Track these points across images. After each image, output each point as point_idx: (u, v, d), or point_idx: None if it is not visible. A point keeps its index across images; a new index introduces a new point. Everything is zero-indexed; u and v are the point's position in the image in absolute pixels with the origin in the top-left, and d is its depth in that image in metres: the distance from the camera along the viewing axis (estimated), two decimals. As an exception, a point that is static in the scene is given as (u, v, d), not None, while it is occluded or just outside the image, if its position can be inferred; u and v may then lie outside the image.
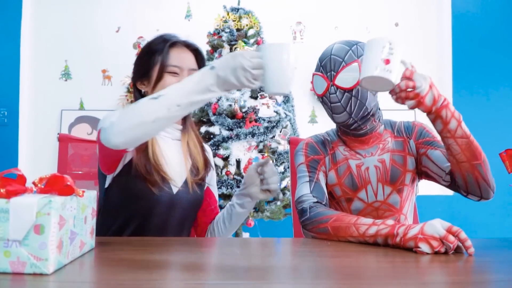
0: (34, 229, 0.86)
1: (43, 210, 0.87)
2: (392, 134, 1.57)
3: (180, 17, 4.18)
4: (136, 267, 0.93)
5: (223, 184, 3.09)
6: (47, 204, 0.87)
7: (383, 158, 1.53)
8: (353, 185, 1.53)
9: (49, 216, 0.87)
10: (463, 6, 4.03)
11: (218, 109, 3.17)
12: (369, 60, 1.19)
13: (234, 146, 3.14)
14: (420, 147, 1.53)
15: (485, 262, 1.05)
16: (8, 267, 0.86)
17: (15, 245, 0.86)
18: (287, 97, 3.42)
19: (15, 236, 0.86)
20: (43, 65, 4.16)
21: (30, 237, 0.86)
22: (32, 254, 0.86)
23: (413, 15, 4.17)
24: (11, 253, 0.86)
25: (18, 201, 0.87)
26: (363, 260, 1.05)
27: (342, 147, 1.57)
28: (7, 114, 3.97)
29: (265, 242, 1.35)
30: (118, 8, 4.15)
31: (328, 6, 4.19)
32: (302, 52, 4.13)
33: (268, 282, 0.86)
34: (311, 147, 1.59)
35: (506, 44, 3.97)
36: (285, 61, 1.17)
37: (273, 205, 3.21)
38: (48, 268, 0.87)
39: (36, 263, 0.86)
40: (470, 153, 1.31)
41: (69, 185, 0.95)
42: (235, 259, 1.07)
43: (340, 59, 1.45)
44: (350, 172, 1.53)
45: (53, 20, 4.17)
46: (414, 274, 0.93)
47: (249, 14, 3.39)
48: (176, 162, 1.54)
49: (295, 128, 3.42)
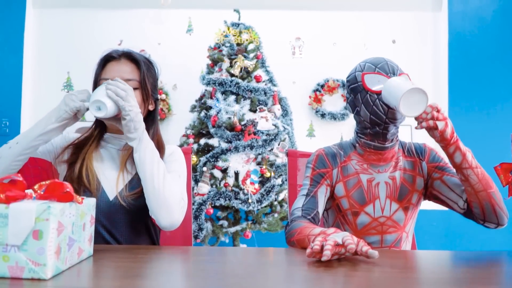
0: (33, 234, 0.86)
1: (42, 215, 0.86)
2: (403, 154, 1.58)
3: (182, 31, 4.19)
4: (134, 274, 0.92)
5: (221, 195, 3.09)
6: (46, 209, 0.87)
7: (394, 175, 1.54)
8: (362, 199, 1.52)
9: (47, 221, 0.87)
10: (460, 24, 4.05)
11: (218, 121, 3.17)
12: (400, 86, 1.29)
13: (232, 158, 3.13)
14: (433, 170, 1.56)
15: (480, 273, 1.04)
16: (6, 272, 0.86)
17: (13, 250, 0.86)
18: (286, 110, 3.43)
19: (14, 241, 0.85)
20: (45, 76, 4.17)
21: (28, 242, 0.86)
22: (30, 259, 0.86)
23: (410, 33, 4.19)
24: (10, 258, 0.86)
25: (17, 207, 0.87)
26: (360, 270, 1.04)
27: (355, 161, 1.56)
28: (8, 124, 3.97)
29: (262, 252, 1.35)
30: (121, 22, 4.17)
31: (327, 22, 4.21)
32: (301, 67, 4.17)
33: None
34: (320, 160, 1.57)
35: (501, 62, 3.98)
36: None
37: (271, 217, 3.20)
38: (46, 273, 0.86)
39: (34, 268, 0.86)
40: (486, 182, 1.38)
41: (68, 191, 0.95)
42: (230, 267, 1.06)
43: (395, 66, 1.50)
44: (360, 186, 1.53)
45: (56, 32, 4.19)
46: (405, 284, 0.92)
47: (249, 29, 3.40)
48: (111, 173, 1.51)
49: (293, 141, 3.42)
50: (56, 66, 4.17)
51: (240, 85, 3.21)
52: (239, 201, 3.09)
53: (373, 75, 1.48)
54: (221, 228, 3.19)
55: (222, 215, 3.22)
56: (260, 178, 3.19)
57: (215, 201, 3.10)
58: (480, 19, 4.06)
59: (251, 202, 3.09)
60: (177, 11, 4.18)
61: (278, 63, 3.84)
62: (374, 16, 4.21)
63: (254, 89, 3.23)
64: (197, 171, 3.15)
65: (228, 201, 3.09)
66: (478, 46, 4.02)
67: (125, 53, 1.54)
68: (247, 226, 3.20)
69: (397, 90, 1.30)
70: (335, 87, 4.14)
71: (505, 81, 3.97)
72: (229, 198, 3.09)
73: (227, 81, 3.22)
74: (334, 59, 4.18)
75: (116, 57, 1.53)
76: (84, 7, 4.19)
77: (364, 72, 1.50)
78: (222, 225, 3.20)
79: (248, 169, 3.15)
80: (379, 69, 1.48)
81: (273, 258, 1.22)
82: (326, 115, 4.11)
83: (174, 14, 4.19)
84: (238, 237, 3.25)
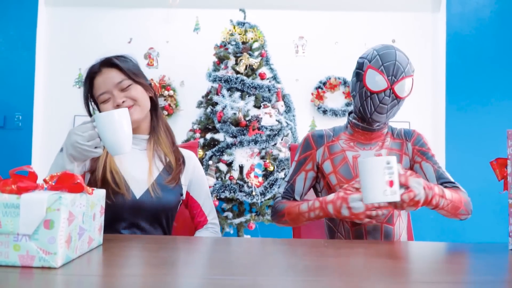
0: (44, 224, 0.85)
1: (53, 206, 0.86)
2: (391, 136, 1.61)
3: (189, 30, 4.19)
4: (142, 263, 0.92)
5: (226, 188, 3.09)
6: (57, 200, 0.86)
7: (380, 153, 1.57)
8: (348, 174, 1.55)
9: (58, 211, 0.86)
10: (458, 25, 4.03)
11: (223, 117, 3.17)
12: (374, 185, 1.16)
13: (237, 153, 3.13)
14: (415, 153, 1.59)
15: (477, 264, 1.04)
16: (17, 261, 0.85)
17: (24, 239, 0.85)
18: (289, 107, 3.42)
19: (25, 231, 0.85)
20: (57, 73, 4.17)
21: (39, 231, 0.85)
22: (41, 248, 0.85)
23: (409, 33, 4.17)
24: (21, 247, 0.85)
25: (29, 197, 0.86)
26: (358, 259, 1.04)
27: (342, 141, 1.60)
28: (21, 118, 3.98)
29: (265, 242, 1.35)
30: (130, 20, 4.17)
31: (329, 22, 4.20)
32: (304, 66, 4.16)
33: (267, 277, 0.85)
34: (307, 143, 1.63)
35: (498, 62, 3.96)
36: (117, 126, 1.22)
37: (274, 209, 3.20)
38: (57, 261, 0.86)
39: (45, 256, 0.85)
40: (454, 210, 1.40)
41: (79, 182, 0.94)
42: (235, 256, 1.06)
43: (402, 68, 1.47)
44: (346, 162, 1.56)
45: (68, 29, 4.19)
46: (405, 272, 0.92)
47: (254, 28, 3.40)
48: (140, 171, 1.52)
49: (295, 137, 3.42)
50: (67, 62, 4.17)
51: (245, 82, 3.21)
52: (243, 193, 3.10)
53: (374, 72, 1.47)
54: (226, 219, 3.20)
55: (227, 207, 3.22)
56: (263, 171, 3.19)
57: (221, 194, 3.10)
58: (477, 20, 4.04)
59: (255, 194, 3.09)
60: (185, 10, 4.17)
61: (282, 61, 3.83)
62: (375, 16, 4.19)
63: (259, 86, 3.23)
64: (203, 165, 3.15)
65: (233, 193, 3.10)
66: (476, 46, 4.00)
67: (101, 63, 1.55)
68: (251, 218, 3.20)
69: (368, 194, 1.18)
70: (336, 84, 4.13)
71: (501, 81, 3.95)
72: (233, 191, 3.09)
73: (232, 78, 3.21)
74: (335, 57, 4.17)
75: (97, 71, 1.53)
76: (95, 5, 4.19)
77: (370, 65, 1.49)
78: (227, 216, 3.20)
79: (252, 163, 3.15)
80: (384, 68, 1.47)
81: (276, 248, 1.22)
82: (328, 112, 4.11)
83: (182, 14, 4.18)
84: (242, 228, 3.25)
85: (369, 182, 1.16)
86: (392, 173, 1.15)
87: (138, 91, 1.53)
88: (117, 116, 1.23)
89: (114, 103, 1.49)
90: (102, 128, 1.22)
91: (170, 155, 1.58)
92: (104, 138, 1.23)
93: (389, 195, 1.14)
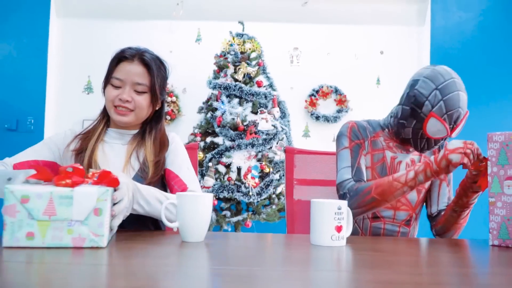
0: (94, 211, 0.96)
1: (102, 197, 0.96)
2: None
3: (191, 40, 4.20)
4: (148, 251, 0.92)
5: (225, 188, 3.09)
6: (105, 192, 0.97)
7: (414, 158, 1.55)
8: (383, 173, 1.51)
9: (106, 201, 0.97)
10: (441, 38, 4.05)
11: (222, 122, 3.17)
12: (322, 228, 1.10)
13: (235, 155, 3.14)
14: None
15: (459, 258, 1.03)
16: (70, 242, 0.94)
17: (77, 224, 0.95)
18: (284, 113, 3.42)
19: (77, 217, 0.94)
20: (67, 79, 4.17)
21: (90, 218, 0.95)
22: (92, 232, 0.95)
23: (396, 45, 4.19)
24: (74, 231, 0.95)
25: (81, 190, 0.95)
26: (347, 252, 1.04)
27: (382, 138, 1.54)
28: (33, 121, 3.97)
29: (261, 236, 1.34)
30: (136, 31, 4.17)
31: (322, 35, 4.22)
32: (298, 74, 4.17)
33: (261, 268, 0.85)
34: (354, 132, 1.53)
35: (479, 74, 3.98)
36: (200, 212, 1.09)
37: (269, 208, 3.21)
38: (104, 242, 0.96)
39: (94, 238, 0.95)
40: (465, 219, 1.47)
41: (115, 177, 1.04)
42: (233, 249, 1.06)
43: (462, 112, 1.38)
44: (384, 161, 1.52)
45: (78, 39, 4.19)
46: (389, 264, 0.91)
47: (252, 39, 3.41)
48: (117, 166, 1.40)
49: (290, 141, 3.42)
50: (77, 69, 4.17)
51: (243, 89, 3.22)
52: (240, 193, 3.10)
53: (437, 122, 1.36)
54: (224, 218, 3.19)
55: (225, 206, 3.22)
56: (260, 173, 3.19)
57: (219, 194, 3.10)
58: (460, 33, 4.06)
59: (251, 194, 3.09)
60: (187, 22, 4.18)
61: (278, 70, 3.85)
62: (364, 29, 4.21)
63: (256, 93, 3.23)
64: (203, 166, 3.15)
65: (231, 193, 3.10)
66: (458, 58, 4.02)
67: (139, 54, 1.44)
68: (247, 216, 3.20)
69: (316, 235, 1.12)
70: (328, 92, 4.14)
71: (482, 91, 3.96)
72: (231, 191, 3.09)
73: (231, 85, 3.22)
74: (328, 67, 4.18)
75: (129, 58, 1.42)
76: (104, 17, 4.20)
77: (433, 113, 1.37)
78: (225, 215, 3.20)
79: (249, 165, 3.15)
80: (447, 116, 1.36)
81: (271, 241, 1.21)
82: (320, 118, 4.11)
83: (185, 25, 4.19)
84: (240, 226, 3.25)
85: (318, 225, 1.11)
86: (342, 218, 1.10)
87: (146, 101, 1.43)
88: (206, 200, 1.10)
89: (120, 94, 1.40)
90: (185, 210, 1.09)
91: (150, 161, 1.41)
92: (184, 221, 1.09)
93: (335, 241, 1.09)
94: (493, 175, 1.20)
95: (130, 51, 1.44)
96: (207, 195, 1.11)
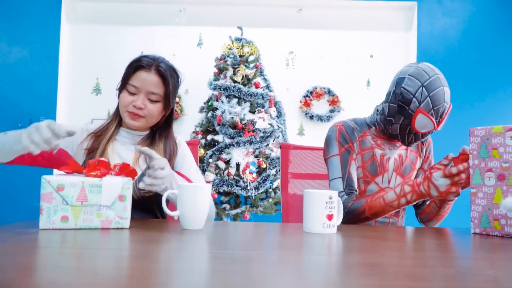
0: (119, 198, 1.07)
1: (125, 185, 1.08)
2: None
3: (193, 44, 4.19)
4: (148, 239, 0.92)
5: (224, 183, 3.09)
6: (128, 181, 1.09)
7: (401, 153, 1.54)
8: (374, 171, 1.50)
9: (129, 189, 1.09)
10: (427, 44, 4.04)
11: (222, 120, 3.17)
12: (314, 217, 1.10)
13: (234, 152, 3.13)
14: (425, 160, 1.60)
15: (442, 244, 1.03)
16: (98, 224, 1.05)
17: (105, 209, 1.05)
18: (280, 112, 3.42)
19: (105, 203, 1.05)
20: (77, 81, 4.16)
21: (116, 203, 1.07)
22: (117, 215, 1.07)
23: (385, 49, 4.18)
24: (102, 214, 1.05)
25: (108, 180, 1.06)
26: (338, 238, 1.04)
27: (370, 137, 1.52)
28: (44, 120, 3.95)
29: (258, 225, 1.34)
30: (142, 36, 4.14)
31: (316, 39, 4.20)
32: (293, 77, 4.16)
33: (257, 252, 0.85)
34: (343, 135, 1.50)
35: (463, 78, 3.97)
36: (200, 201, 1.08)
37: (266, 201, 3.20)
38: (127, 223, 1.08)
39: (119, 221, 1.07)
40: None
41: (133, 169, 1.12)
42: (231, 236, 1.06)
43: (446, 105, 1.36)
44: (374, 159, 1.50)
45: (87, 43, 4.17)
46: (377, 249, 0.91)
47: (250, 43, 3.40)
48: None
49: (285, 139, 3.42)
50: (86, 72, 4.15)
51: (241, 90, 3.21)
52: (239, 188, 3.10)
53: (425, 117, 1.35)
54: (223, 210, 3.19)
55: (225, 200, 3.22)
56: (257, 169, 3.19)
57: (219, 188, 3.10)
58: (444, 38, 4.05)
59: (249, 189, 3.09)
60: (190, 27, 4.17)
61: (274, 73, 3.84)
62: (355, 35, 4.20)
63: (254, 93, 3.23)
64: (204, 162, 3.15)
65: (230, 187, 3.09)
66: (443, 62, 4.00)
67: (156, 64, 1.41)
68: (246, 209, 3.20)
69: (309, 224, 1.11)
70: (322, 93, 4.13)
71: (465, 92, 3.96)
72: (231, 185, 3.09)
73: (230, 86, 3.21)
74: (321, 70, 4.18)
75: (146, 67, 1.39)
76: (111, 23, 4.18)
77: (420, 109, 1.35)
78: (225, 208, 3.20)
79: (247, 161, 3.15)
80: (434, 111, 1.35)
81: (266, 229, 1.21)
82: (314, 117, 4.11)
83: (187, 30, 4.18)
84: (238, 218, 3.25)
85: (310, 213, 1.11)
86: (333, 207, 1.10)
87: (158, 110, 1.42)
88: (205, 191, 1.10)
89: (135, 101, 1.38)
90: (185, 199, 1.09)
91: None
92: (184, 210, 1.09)
93: (327, 228, 1.09)
94: (474, 167, 1.20)
95: (147, 60, 1.41)
96: (206, 185, 1.12)
